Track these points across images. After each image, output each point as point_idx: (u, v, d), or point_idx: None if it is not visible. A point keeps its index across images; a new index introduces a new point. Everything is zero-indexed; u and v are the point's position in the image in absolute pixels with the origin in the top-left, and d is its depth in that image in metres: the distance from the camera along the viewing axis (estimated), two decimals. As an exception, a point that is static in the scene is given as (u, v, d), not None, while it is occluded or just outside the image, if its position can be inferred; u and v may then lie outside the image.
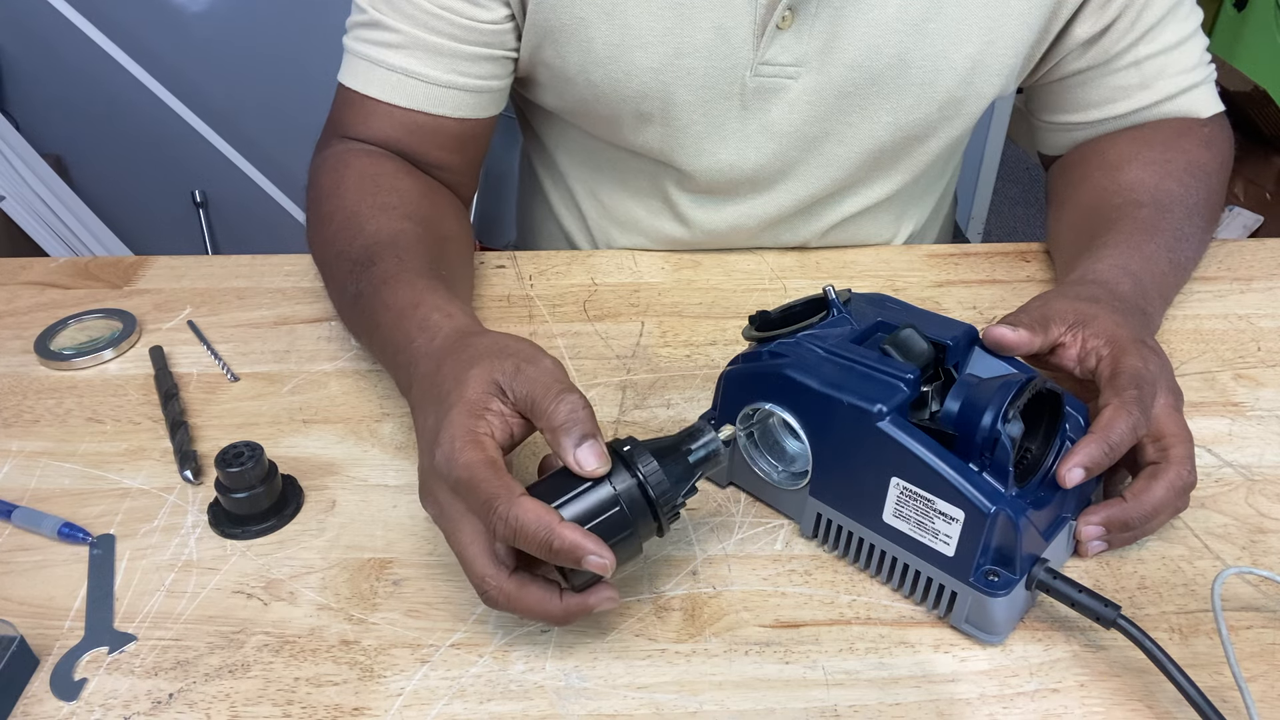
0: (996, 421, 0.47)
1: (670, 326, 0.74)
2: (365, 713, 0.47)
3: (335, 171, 0.72)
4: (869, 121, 0.74)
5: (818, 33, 0.69)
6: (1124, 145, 0.76)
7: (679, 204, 0.81)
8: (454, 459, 0.46)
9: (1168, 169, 0.73)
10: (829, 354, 0.52)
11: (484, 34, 0.71)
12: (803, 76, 0.72)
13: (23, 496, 0.60)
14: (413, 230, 0.67)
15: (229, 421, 0.66)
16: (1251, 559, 0.55)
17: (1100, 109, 0.77)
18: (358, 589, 0.54)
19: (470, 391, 0.48)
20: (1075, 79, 0.77)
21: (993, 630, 0.49)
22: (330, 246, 0.68)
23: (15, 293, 0.79)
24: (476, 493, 0.45)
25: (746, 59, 0.71)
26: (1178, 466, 0.53)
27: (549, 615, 0.47)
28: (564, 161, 0.87)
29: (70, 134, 2.07)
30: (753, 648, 0.50)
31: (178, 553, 0.56)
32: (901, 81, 0.71)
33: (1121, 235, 0.68)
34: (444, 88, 0.72)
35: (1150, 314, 0.63)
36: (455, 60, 0.71)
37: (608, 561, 0.44)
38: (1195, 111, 0.77)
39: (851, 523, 0.53)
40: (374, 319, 0.61)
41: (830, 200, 0.81)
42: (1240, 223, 2.22)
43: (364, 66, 0.72)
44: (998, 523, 0.47)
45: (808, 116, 0.74)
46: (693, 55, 0.70)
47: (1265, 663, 0.49)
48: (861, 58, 0.70)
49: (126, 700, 0.48)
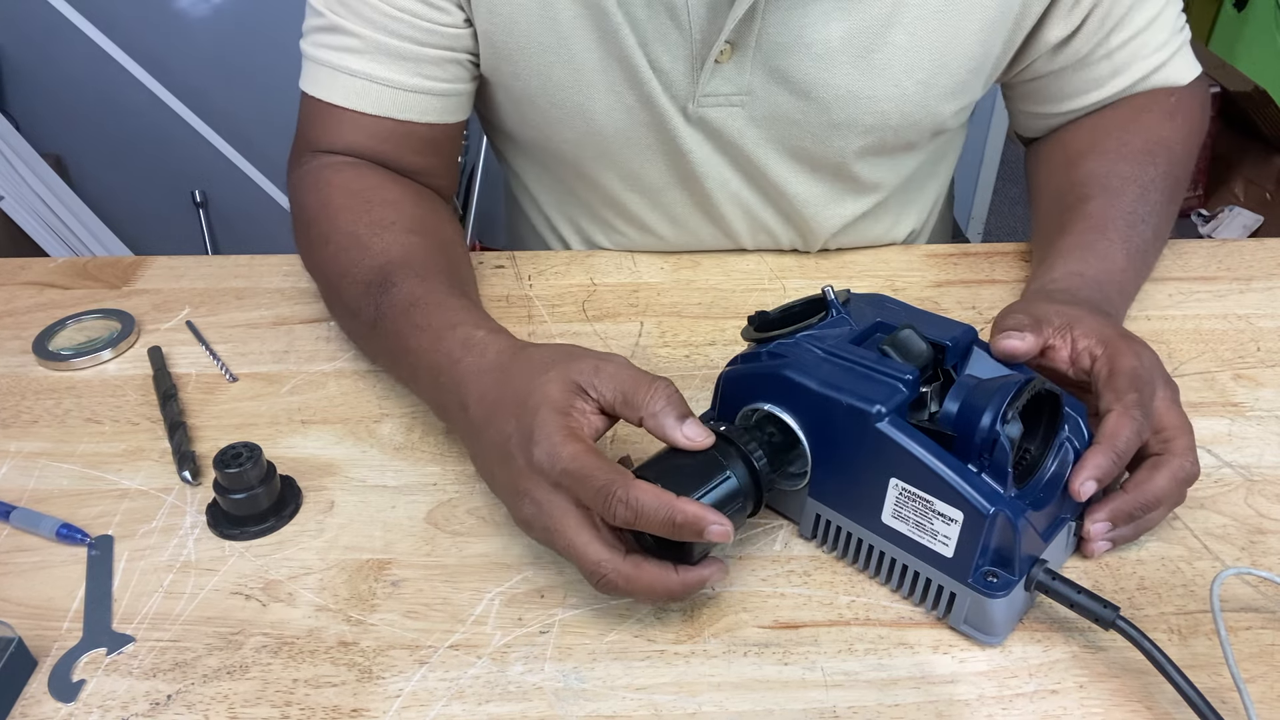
0: (995, 422, 0.47)
1: (669, 327, 0.74)
2: (363, 714, 0.47)
3: (319, 191, 0.70)
4: (825, 146, 0.74)
5: (759, 65, 0.69)
6: (1083, 135, 0.77)
7: (655, 228, 0.82)
8: (558, 453, 0.48)
9: (1122, 151, 0.73)
10: (828, 355, 0.52)
11: (444, 36, 0.70)
12: (749, 104, 0.71)
13: (21, 497, 0.60)
14: (420, 244, 0.66)
15: (227, 422, 0.66)
16: (1251, 560, 0.55)
17: (1075, 100, 0.78)
18: (356, 590, 0.54)
19: (554, 392, 0.50)
20: (1049, 77, 0.77)
21: (991, 631, 0.49)
22: (334, 269, 0.67)
23: (14, 293, 0.79)
24: (590, 481, 0.47)
25: (687, 91, 0.71)
26: (1180, 458, 0.53)
27: (668, 590, 0.48)
28: (536, 189, 0.87)
29: (70, 134, 2.07)
30: (752, 649, 0.50)
31: (176, 554, 0.56)
32: (853, 109, 0.71)
33: (1072, 238, 0.69)
34: (410, 92, 0.71)
35: (1112, 315, 0.63)
36: (419, 64, 0.70)
37: (728, 528, 0.46)
38: (1172, 82, 0.76)
39: (850, 523, 0.53)
40: (403, 343, 0.60)
41: (813, 212, 0.80)
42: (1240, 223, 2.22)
43: (326, 74, 0.71)
44: (996, 524, 0.47)
45: (759, 139, 0.74)
46: (638, 87, 0.70)
47: (1264, 664, 0.49)
48: (808, 88, 0.70)
49: (125, 701, 0.48)
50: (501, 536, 0.57)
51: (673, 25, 0.67)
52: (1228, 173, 2.34)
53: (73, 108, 2.03)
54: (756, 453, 0.50)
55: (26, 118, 2.03)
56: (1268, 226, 2.18)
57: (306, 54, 0.72)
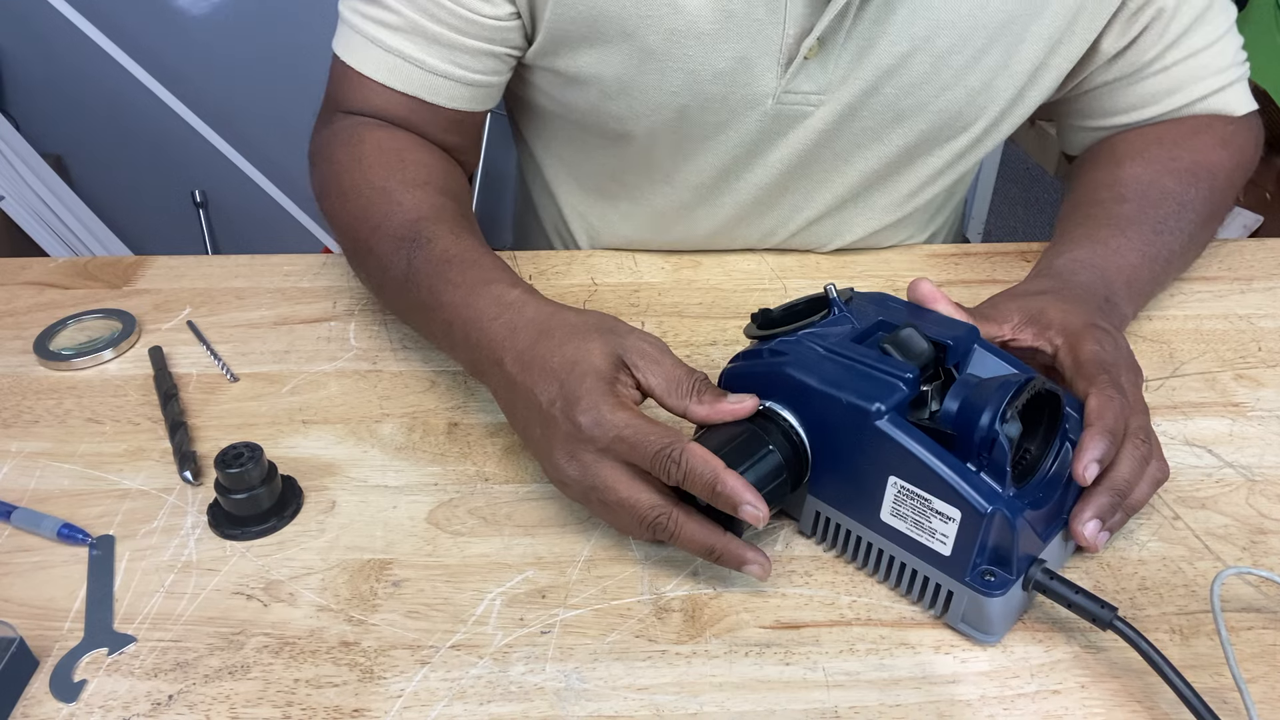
0: (995, 421, 0.47)
1: (670, 326, 0.74)
2: (365, 714, 0.47)
3: (350, 145, 0.71)
4: (879, 144, 0.74)
5: (844, 62, 0.69)
6: (1134, 140, 0.76)
7: (674, 225, 0.81)
8: (609, 420, 0.50)
9: (1169, 166, 0.73)
10: (829, 353, 0.52)
11: (486, 29, 0.70)
12: (824, 105, 0.71)
13: (22, 497, 0.60)
14: (452, 206, 0.67)
15: (228, 422, 0.66)
16: (1252, 560, 0.55)
17: (1128, 115, 0.77)
18: (357, 590, 0.54)
19: (599, 362, 0.53)
20: (1104, 89, 0.76)
21: (989, 630, 0.49)
22: (364, 222, 0.67)
23: (14, 293, 0.79)
24: (645, 443, 0.50)
25: (770, 88, 0.70)
26: (1132, 438, 0.52)
27: (712, 545, 0.51)
28: (555, 177, 0.86)
29: (70, 134, 2.07)
30: (753, 649, 0.50)
31: (177, 554, 0.56)
32: (919, 106, 0.71)
33: (1087, 230, 0.69)
34: (440, 77, 0.71)
35: (1116, 302, 0.64)
36: (453, 51, 0.70)
37: (761, 514, 0.48)
38: (1227, 110, 0.76)
39: (849, 521, 0.53)
40: (437, 298, 0.61)
41: (831, 220, 0.80)
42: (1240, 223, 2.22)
43: (359, 42, 0.71)
44: (994, 522, 0.47)
45: (820, 141, 0.74)
46: (713, 82, 0.70)
47: (1266, 664, 0.49)
48: (881, 82, 0.70)
49: (126, 702, 0.48)
50: (503, 537, 0.57)
51: (769, 20, 0.67)
52: (1228, 173, 2.33)
53: (73, 108, 2.03)
54: (796, 430, 0.52)
55: (26, 118, 2.03)
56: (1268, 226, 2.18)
57: (344, 17, 0.73)
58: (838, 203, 0.79)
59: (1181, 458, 0.62)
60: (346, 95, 0.74)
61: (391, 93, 0.72)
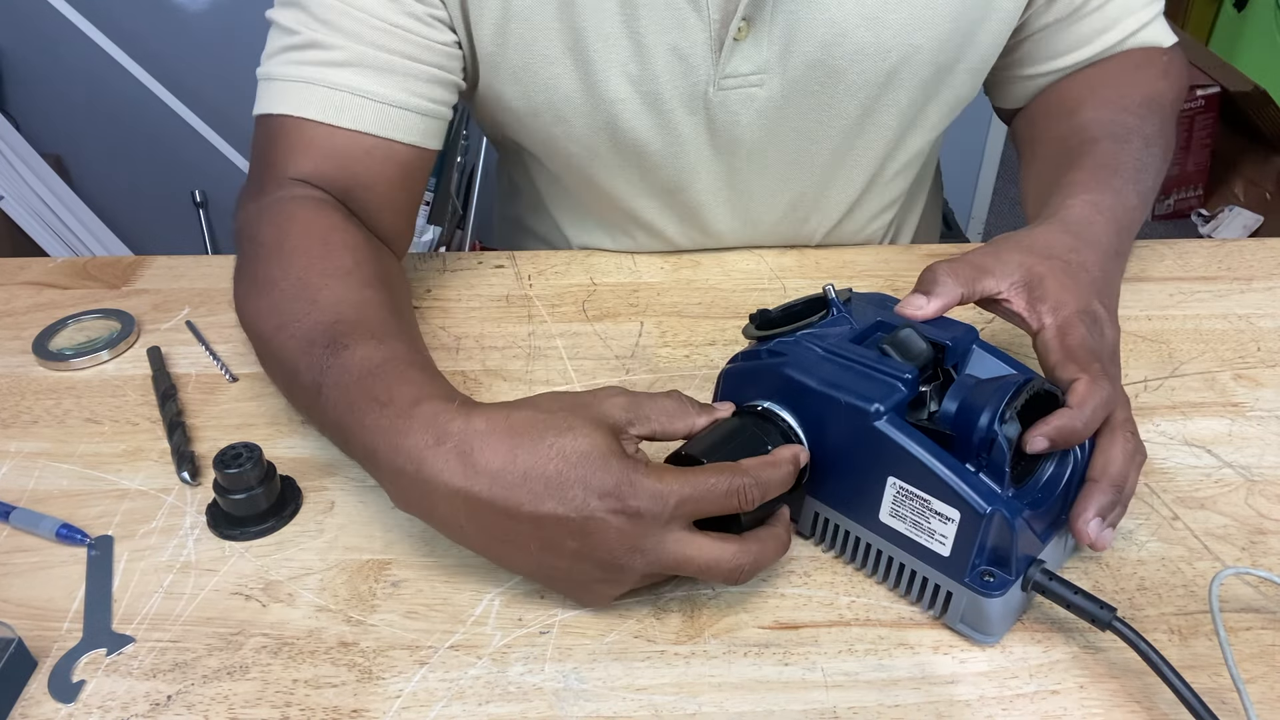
0: (994, 422, 0.47)
1: (669, 327, 0.74)
2: (364, 714, 0.47)
3: (277, 225, 0.63)
4: (837, 117, 0.74)
5: (776, 38, 0.69)
6: (1079, 87, 0.77)
7: (657, 226, 0.81)
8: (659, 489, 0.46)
9: (1123, 103, 0.74)
10: (828, 353, 0.52)
11: (437, 54, 0.68)
12: (766, 84, 0.71)
13: (21, 497, 0.60)
14: (377, 300, 0.60)
15: (227, 422, 0.66)
16: (1251, 560, 0.55)
17: (1067, 57, 0.78)
18: (356, 590, 0.54)
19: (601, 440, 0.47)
20: (1041, 33, 0.77)
21: (988, 631, 0.49)
22: (269, 319, 0.59)
23: (13, 293, 0.79)
24: (710, 490, 0.47)
25: (708, 75, 0.70)
26: (1120, 430, 0.52)
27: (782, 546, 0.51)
28: (536, 193, 0.86)
29: (70, 134, 2.07)
30: (752, 649, 0.50)
31: (176, 554, 0.56)
32: (864, 64, 0.71)
33: (1087, 171, 0.67)
34: (396, 108, 0.66)
35: (1123, 254, 0.63)
36: (407, 79, 0.66)
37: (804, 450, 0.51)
38: (1157, 42, 0.78)
39: (848, 522, 0.53)
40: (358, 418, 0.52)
41: (812, 199, 0.81)
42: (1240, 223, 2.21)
43: (298, 89, 0.65)
44: (993, 523, 0.47)
45: (777, 120, 0.74)
46: (654, 80, 0.70)
47: (1265, 664, 0.49)
48: (822, 55, 0.70)
49: (125, 702, 0.48)
50: (501, 537, 0.57)
51: (691, 9, 0.67)
52: (1228, 173, 2.34)
53: (73, 108, 2.03)
54: (795, 431, 0.52)
55: (26, 118, 2.03)
56: (1268, 226, 2.17)
57: (270, 75, 0.67)
58: (814, 181, 0.79)
59: (1180, 458, 0.62)
60: (281, 155, 0.66)
61: (337, 135, 0.65)
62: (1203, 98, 2.24)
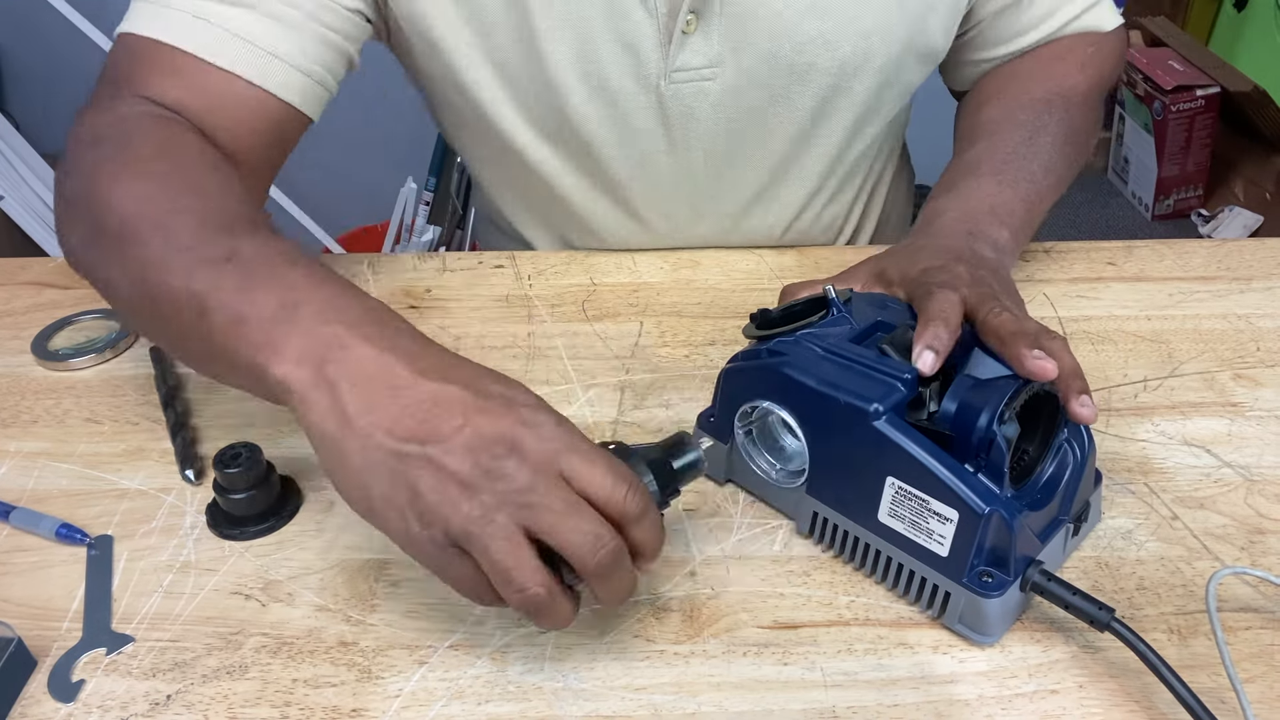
0: (993, 422, 0.47)
1: (669, 326, 0.74)
2: (363, 714, 0.47)
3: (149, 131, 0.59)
4: (793, 108, 0.74)
5: (726, 31, 0.69)
6: (994, 82, 0.81)
7: (613, 228, 0.81)
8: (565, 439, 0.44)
9: (1021, 99, 0.77)
10: (827, 353, 0.52)
11: (338, 17, 0.65)
12: (720, 76, 0.71)
13: (20, 497, 0.60)
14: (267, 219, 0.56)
15: (228, 422, 0.66)
16: (1250, 560, 0.55)
17: (1011, 43, 0.80)
18: (356, 590, 0.54)
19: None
20: (989, 20, 0.78)
21: (986, 631, 0.49)
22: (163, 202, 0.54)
23: (13, 293, 0.79)
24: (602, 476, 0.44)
25: (658, 68, 0.70)
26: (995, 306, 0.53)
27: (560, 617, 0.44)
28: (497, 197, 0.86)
29: (70, 134, 2.07)
30: (751, 649, 0.50)
31: (176, 554, 0.56)
32: (816, 54, 0.71)
33: (946, 180, 0.72)
34: (279, 59, 0.62)
35: (982, 231, 0.65)
36: (298, 34, 0.63)
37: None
38: (1097, 27, 0.80)
39: (847, 522, 0.53)
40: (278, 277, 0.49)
41: (771, 190, 0.81)
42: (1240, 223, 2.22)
43: (178, 17, 0.61)
44: (991, 523, 0.47)
45: (732, 113, 0.74)
46: (601, 73, 0.70)
47: (1263, 664, 0.49)
48: (773, 46, 0.70)
49: (124, 702, 0.48)
50: (501, 536, 0.57)
51: (638, 2, 0.67)
52: (1228, 173, 2.34)
53: (73, 108, 2.02)
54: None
55: (26, 118, 2.03)
56: (1268, 226, 2.17)
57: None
58: (771, 173, 0.79)
59: (1180, 457, 0.62)
60: (143, 76, 0.62)
61: (211, 73, 0.61)
62: (1203, 98, 2.24)
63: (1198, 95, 2.25)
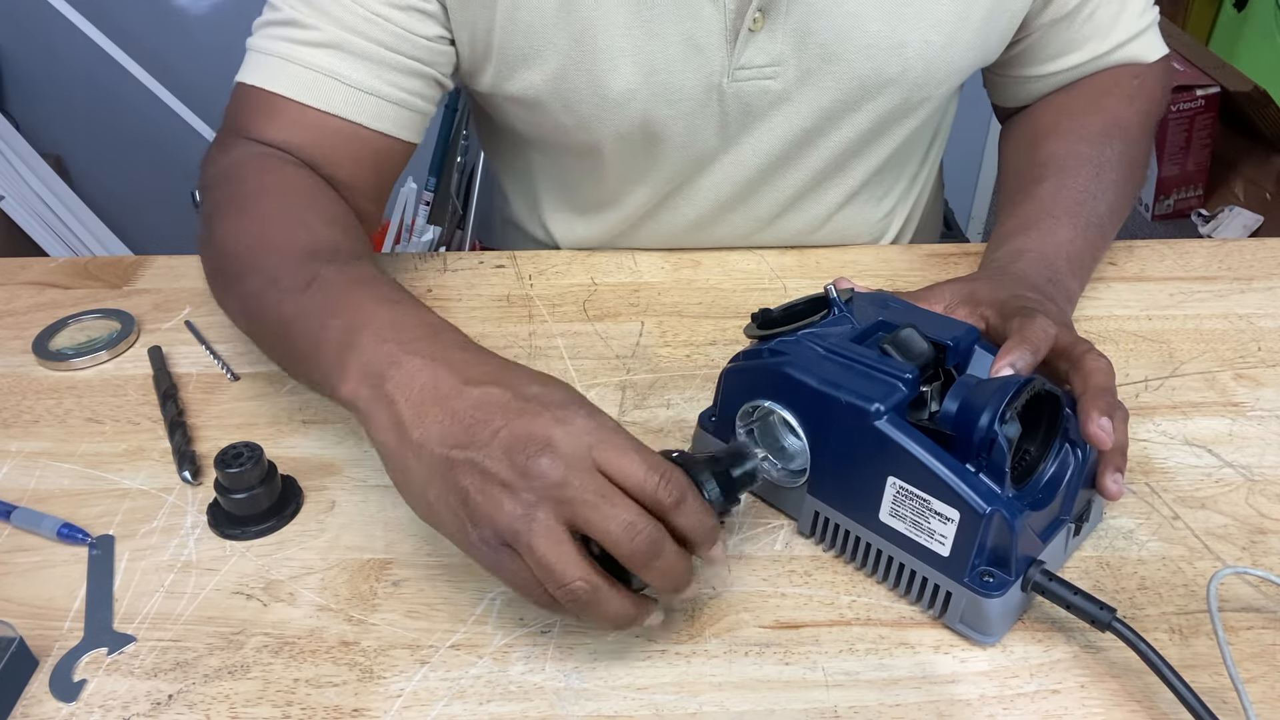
0: (994, 422, 0.47)
1: (670, 326, 0.74)
2: (365, 714, 0.47)
3: (262, 174, 0.65)
4: (848, 110, 0.74)
5: (791, 30, 0.69)
6: (1048, 116, 0.80)
7: (657, 222, 0.81)
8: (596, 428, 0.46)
9: (1081, 133, 0.76)
10: (829, 353, 0.52)
11: (418, 47, 0.68)
12: (781, 75, 0.71)
13: (22, 497, 0.60)
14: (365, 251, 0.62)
15: (228, 422, 0.66)
16: (1252, 559, 0.55)
17: (1056, 61, 0.79)
18: (357, 590, 0.54)
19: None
20: (1036, 35, 0.78)
21: (987, 631, 0.49)
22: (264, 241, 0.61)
23: (14, 293, 0.79)
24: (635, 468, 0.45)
25: (722, 66, 0.70)
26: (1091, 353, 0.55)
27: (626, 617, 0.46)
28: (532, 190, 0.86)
29: (70, 134, 2.07)
30: (753, 649, 0.50)
31: (177, 553, 0.56)
32: (880, 62, 0.71)
33: (1018, 220, 0.72)
34: (366, 94, 0.67)
35: (1060, 280, 0.66)
36: (382, 68, 0.67)
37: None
38: (1142, 57, 0.80)
39: (848, 521, 0.53)
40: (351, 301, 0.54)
41: (813, 193, 0.81)
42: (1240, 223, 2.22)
43: (274, 64, 0.66)
44: (993, 523, 0.47)
45: (790, 115, 0.74)
46: (666, 70, 0.70)
47: (1265, 664, 0.49)
48: (838, 48, 0.70)
49: (126, 701, 0.48)
50: (502, 536, 0.57)
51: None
52: (1228, 173, 2.34)
53: (73, 108, 2.03)
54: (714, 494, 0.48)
55: (26, 118, 2.03)
56: (1268, 226, 2.17)
57: (254, 48, 0.68)
58: (816, 174, 0.79)
59: (1181, 457, 0.62)
60: (255, 122, 0.67)
61: (306, 113, 0.66)
62: (1203, 98, 2.24)
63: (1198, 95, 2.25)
